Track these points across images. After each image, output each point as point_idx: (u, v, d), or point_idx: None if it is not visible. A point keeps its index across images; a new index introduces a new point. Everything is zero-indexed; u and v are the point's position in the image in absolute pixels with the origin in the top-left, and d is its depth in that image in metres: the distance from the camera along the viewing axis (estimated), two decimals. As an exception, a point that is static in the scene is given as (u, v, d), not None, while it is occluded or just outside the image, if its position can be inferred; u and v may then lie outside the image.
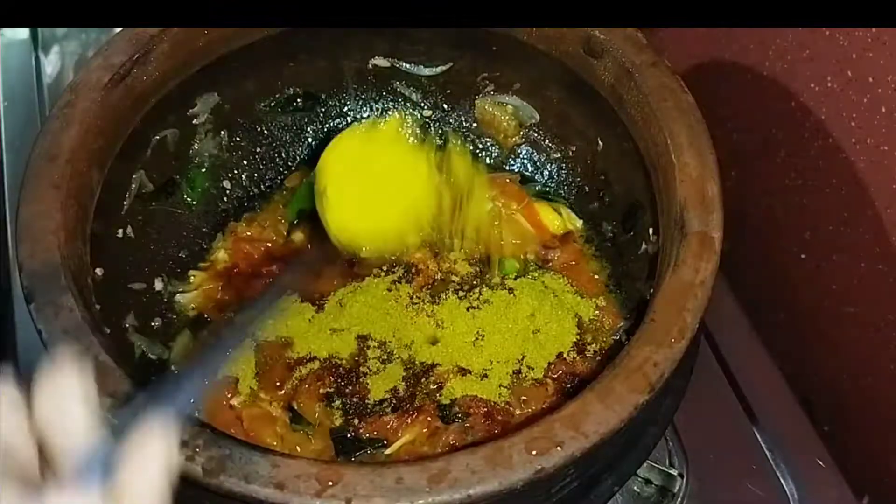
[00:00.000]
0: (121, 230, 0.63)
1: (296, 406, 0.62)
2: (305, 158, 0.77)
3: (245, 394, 0.62)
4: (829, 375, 0.80)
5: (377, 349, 0.64)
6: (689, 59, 0.88)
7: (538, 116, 0.75)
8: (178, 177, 0.70)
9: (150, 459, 0.32)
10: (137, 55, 0.60)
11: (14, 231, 0.51)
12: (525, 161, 0.77)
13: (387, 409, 0.61)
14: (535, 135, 0.76)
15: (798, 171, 0.77)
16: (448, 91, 0.77)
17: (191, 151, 0.70)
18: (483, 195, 0.67)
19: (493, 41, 0.70)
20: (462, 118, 0.78)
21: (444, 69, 0.75)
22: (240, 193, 0.75)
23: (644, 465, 0.60)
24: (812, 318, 0.81)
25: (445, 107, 0.78)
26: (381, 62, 0.75)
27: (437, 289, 0.67)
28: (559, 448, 0.43)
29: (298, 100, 0.75)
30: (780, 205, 0.81)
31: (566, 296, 0.67)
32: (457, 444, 0.60)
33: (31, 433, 0.32)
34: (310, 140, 0.78)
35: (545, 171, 0.76)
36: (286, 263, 0.69)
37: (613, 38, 0.62)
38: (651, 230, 0.63)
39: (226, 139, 0.72)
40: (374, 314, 0.65)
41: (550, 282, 0.68)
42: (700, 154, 0.56)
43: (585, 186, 0.74)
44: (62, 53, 0.95)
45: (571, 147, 0.74)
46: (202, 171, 0.71)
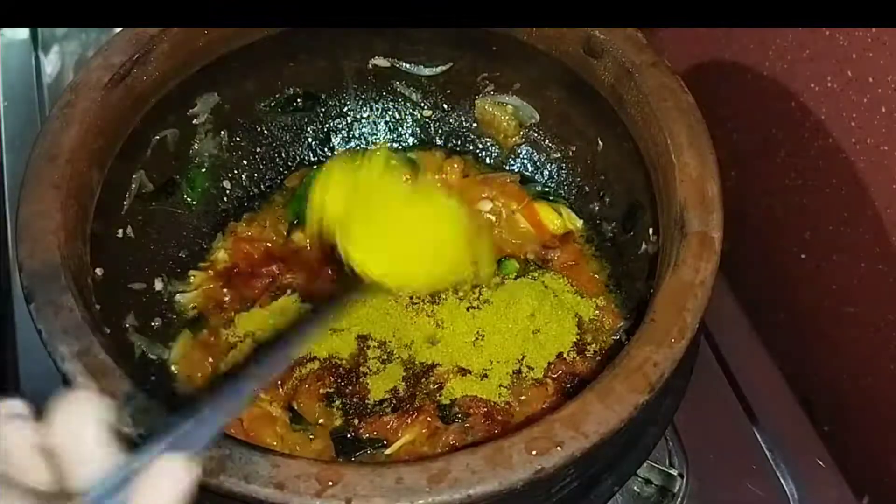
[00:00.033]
0: (121, 230, 0.63)
1: (296, 406, 0.62)
2: (305, 158, 0.78)
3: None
4: (829, 375, 0.80)
5: (377, 349, 0.64)
6: (689, 59, 0.88)
7: (538, 116, 0.75)
8: (178, 177, 0.70)
9: (164, 489, 0.32)
10: (137, 55, 0.60)
11: (14, 231, 0.51)
12: (525, 161, 0.77)
13: (387, 409, 0.61)
14: (535, 135, 0.76)
15: (798, 171, 0.77)
16: (448, 91, 0.77)
17: (191, 151, 0.70)
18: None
19: (493, 41, 0.70)
20: (462, 118, 0.78)
21: (444, 69, 0.75)
22: (240, 193, 0.75)
23: (644, 465, 0.60)
24: (812, 318, 0.81)
25: (445, 107, 0.78)
26: (381, 62, 0.75)
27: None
28: (559, 448, 0.43)
29: (298, 100, 0.75)
30: (780, 205, 0.81)
31: (566, 296, 0.67)
32: (457, 444, 0.60)
33: (41, 452, 0.32)
34: (310, 140, 0.78)
35: (545, 171, 0.76)
36: (314, 299, 0.66)
37: (613, 38, 0.62)
38: (651, 230, 0.63)
39: (226, 139, 0.72)
40: (374, 314, 0.65)
41: (550, 282, 0.68)
42: (700, 154, 0.56)
43: (585, 186, 0.74)
44: (62, 53, 0.95)
45: (571, 147, 0.74)
46: (202, 171, 0.71)
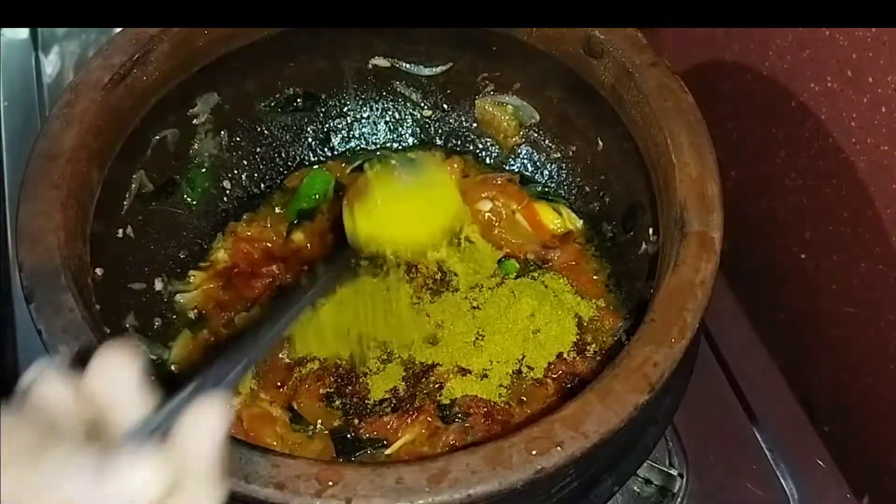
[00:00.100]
0: (121, 230, 0.63)
1: (296, 406, 0.62)
2: (305, 158, 0.78)
3: (245, 394, 0.62)
4: (829, 375, 0.80)
5: (377, 349, 0.64)
6: (689, 59, 0.88)
7: (538, 116, 0.75)
8: (178, 177, 0.70)
9: (206, 425, 0.33)
10: (137, 55, 0.60)
11: (14, 231, 0.51)
12: (525, 161, 0.77)
13: (387, 409, 0.61)
14: (535, 135, 0.76)
15: (798, 171, 0.77)
16: (448, 91, 0.77)
17: (191, 151, 0.70)
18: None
19: (493, 41, 0.70)
20: (462, 118, 0.78)
21: (444, 69, 0.75)
22: (240, 193, 0.75)
23: (644, 465, 0.60)
24: (812, 318, 0.81)
25: (445, 107, 0.78)
26: (381, 62, 0.75)
27: (438, 289, 0.67)
28: (559, 448, 0.43)
29: (298, 100, 0.75)
30: (780, 205, 0.81)
31: (566, 296, 0.67)
32: (457, 444, 0.60)
33: (83, 401, 0.34)
34: (310, 140, 0.78)
35: (545, 171, 0.76)
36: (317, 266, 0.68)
37: (613, 38, 0.62)
38: (651, 230, 0.63)
39: (226, 139, 0.72)
40: (375, 314, 0.65)
41: (550, 282, 0.68)
42: (700, 154, 0.56)
43: (585, 186, 0.74)
44: (62, 53, 0.95)
45: (571, 147, 0.74)
46: (202, 171, 0.71)
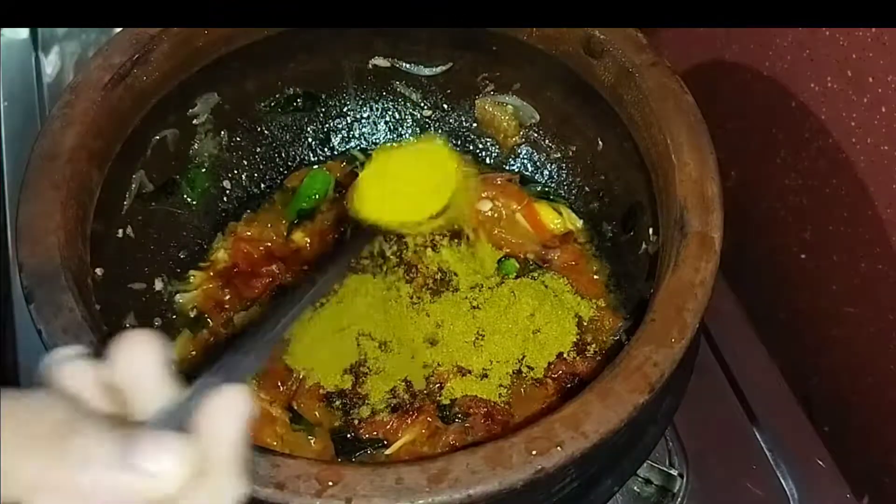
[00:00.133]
0: (121, 230, 0.63)
1: (296, 406, 0.62)
2: (305, 158, 0.78)
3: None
4: (829, 375, 0.80)
5: (377, 349, 0.64)
6: (689, 59, 0.88)
7: (538, 116, 0.75)
8: (178, 177, 0.70)
9: (228, 414, 0.33)
10: (137, 55, 0.59)
11: (14, 231, 0.51)
12: (525, 161, 0.77)
13: (387, 409, 0.61)
14: (535, 135, 0.76)
15: (798, 171, 0.77)
16: (448, 91, 0.77)
17: (191, 151, 0.70)
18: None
19: (493, 41, 0.70)
20: (462, 118, 0.78)
21: (444, 69, 0.75)
22: (240, 193, 0.75)
23: (644, 465, 0.60)
24: (812, 318, 0.81)
25: (445, 107, 0.78)
26: (381, 62, 0.75)
27: (437, 288, 0.67)
28: (559, 448, 0.43)
29: (298, 100, 0.75)
30: (780, 205, 0.81)
31: (566, 296, 0.67)
32: (457, 444, 0.60)
33: (105, 388, 0.34)
34: (310, 140, 0.78)
35: (545, 171, 0.76)
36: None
37: (613, 38, 0.62)
38: (651, 230, 0.63)
39: (226, 139, 0.72)
40: (374, 314, 0.65)
41: (550, 282, 0.68)
42: (700, 154, 0.56)
43: (585, 186, 0.74)
44: (62, 53, 0.95)
45: (571, 147, 0.74)
46: (202, 171, 0.71)
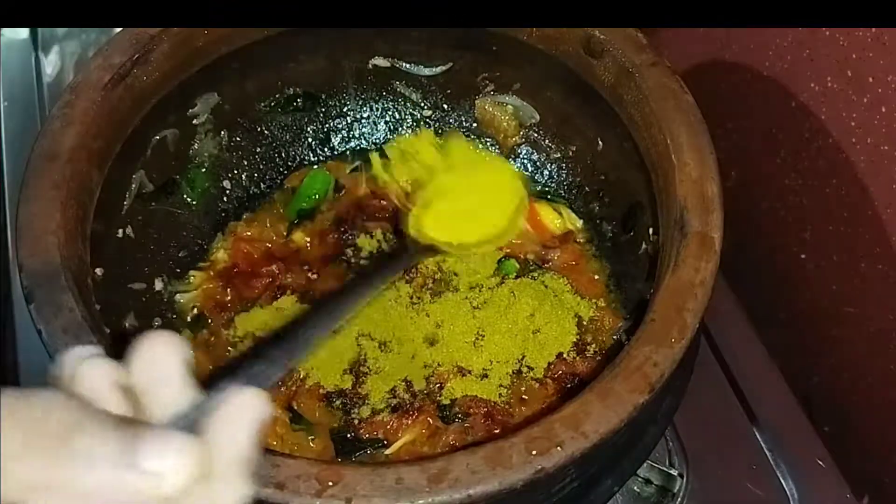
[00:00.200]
0: (121, 230, 0.63)
1: (296, 406, 0.62)
2: (305, 158, 0.78)
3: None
4: (829, 375, 0.80)
5: (377, 349, 0.64)
6: (689, 59, 0.88)
7: (538, 116, 0.75)
8: (178, 177, 0.70)
9: (240, 419, 0.33)
10: (137, 55, 0.59)
11: (14, 231, 0.51)
12: (525, 161, 0.77)
13: (387, 409, 0.61)
14: (535, 135, 0.76)
15: (798, 171, 0.77)
16: (448, 91, 0.77)
17: (191, 151, 0.70)
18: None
19: (493, 41, 0.70)
20: (462, 118, 0.78)
21: (444, 69, 0.75)
22: (240, 193, 0.75)
23: (644, 465, 0.60)
24: (812, 318, 0.81)
25: (445, 107, 0.78)
26: (381, 62, 0.75)
27: (438, 288, 0.67)
28: (559, 448, 0.43)
29: (298, 100, 0.75)
30: (781, 205, 0.81)
31: (566, 296, 0.67)
32: (457, 444, 0.60)
33: (121, 390, 0.33)
34: (310, 140, 0.78)
35: (545, 171, 0.76)
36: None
37: (613, 38, 0.62)
38: (651, 230, 0.63)
39: (226, 139, 0.72)
40: (374, 314, 0.65)
41: (550, 282, 0.68)
42: (700, 154, 0.56)
43: (585, 186, 0.74)
44: (62, 53, 0.95)
45: (571, 147, 0.74)
46: (202, 171, 0.71)
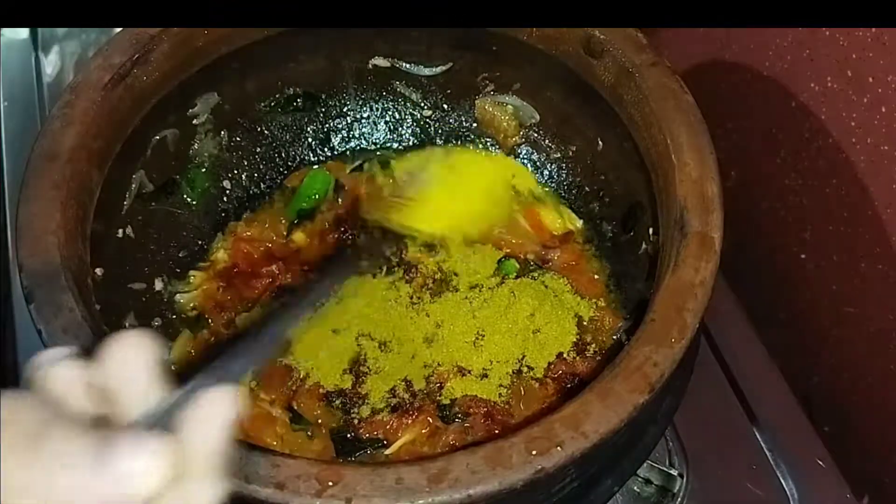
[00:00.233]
0: (121, 230, 0.63)
1: (296, 406, 0.62)
2: (305, 158, 0.78)
3: (245, 394, 0.62)
4: (829, 375, 0.80)
5: (377, 349, 0.64)
6: (689, 59, 0.88)
7: (538, 116, 0.75)
8: (178, 177, 0.70)
9: (213, 413, 0.33)
10: (137, 55, 0.59)
11: (14, 231, 0.51)
12: (525, 161, 0.77)
13: (387, 409, 0.61)
14: (535, 135, 0.76)
15: (798, 171, 0.77)
16: (448, 91, 0.77)
17: (191, 151, 0.70)
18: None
19: (493, 41, 0.70)
20: (462, 118, 0.78)
21: (444, 69, 0.75)
22: (240, 193, 0.75)
23: (644, 465, 0.60)
24: (812, 318, 0.81)
25: (445, 107, 0.78)
26: (381, 62, 0.75)
27: (437, 289, 0.67)
28: (559, 448, 0.43)
29: (298, 100, 0.75)
30: (781, 205, 0.81)
31: (566, 296, 0.67)
32: (457, 444, 0.60)
33: (93, 389, 0.33)
34: (310, 140, 0.78)
35: (545, 171, 0.76)
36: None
37: (613, 38, 0.62)
38: (651, 230, 0.63)
39: (226, 139, 0.72)
40: (374, 314, 0.65)
41: (550, 282, 0.68)
42: (700, 154, 0.56)
43: (585, 186, 0.74)
44: (62, 53, 0.95)
45: (571, 147, 0.74)
46: (202, 171, 0.71)
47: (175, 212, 0.69)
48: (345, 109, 0.78)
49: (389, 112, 0.78)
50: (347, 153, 0.78)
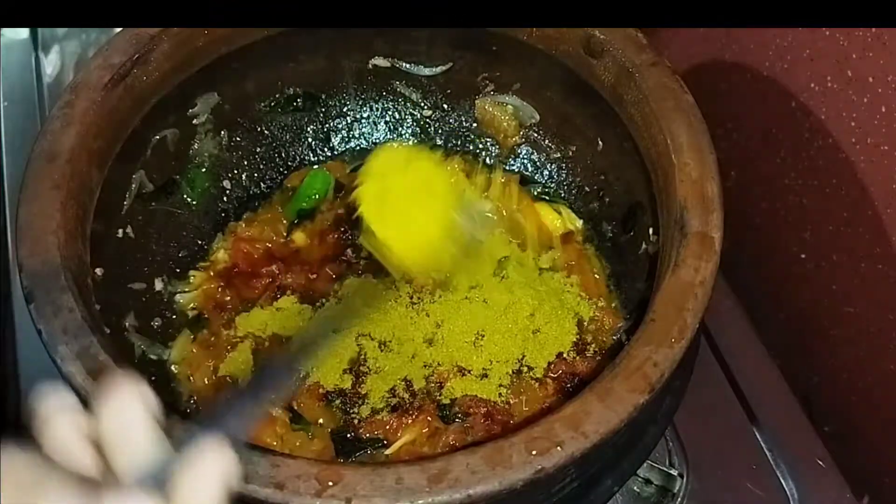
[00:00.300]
0: (121, 230, 0.63)
1: (296, 406, 0.62)
2: (305, 158, 0.78)
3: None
4: (829, 376, 0.80)
5: (377, 349, 0.64)
6: (689, 59, 0.88)
7: (538, 116, 0.75)
8: (178, 177, 0.70)
9: (208, 475, 0.33)
10: (137, 55, 0.60)
11: (14, 231, 0.51)
12: (525, 161, 0.77)
13: (387, 409, 0.61)
14: (535, 135, 0.76)
15: (798, 171, 0.77)
16: (448, 91, 0.77)
17: (191, 151, 0.70)
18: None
19: (493, 41, 0.70)
20: (462, 118, 0.78)
21: (444, 69, 0.75)
22: (240, 193, 0.75)
23: (644, 465, 0.60)
24: (812, 318, 0.81)
25: (445, 107, 0.78)
26: (381, 62, 0.75)
27: (437, 289, 0.67)
28: (559, 448, 0.43)
29: (298, 100, 0.75)
30: (781, 205, 0.81)
31: (566, 296, 0.67)
32: (457, 444, 0.60)
33: (90, 441, 0.33)
34: (310, 140, 0.78)
35: (545, 171, 0.76)
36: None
37: (613, 38, 0.62)
38: (651, 230, 0.63)
39: (226, 139, 0.72)
40: (374, 314, 0.65)
41: (550, 282, 0.68)
42: (700, 154, 0.56)
43: (585, 186, 0.74)
44: (62, 53, 0.95)
45: (571, 147, 0.74)
46: (202, 171, 0.71)
47: (175, 212, 0.69)
48: (345, 109, 0.78)
49: (389, 112, 0.78)
50: (347, 153, 0.79)
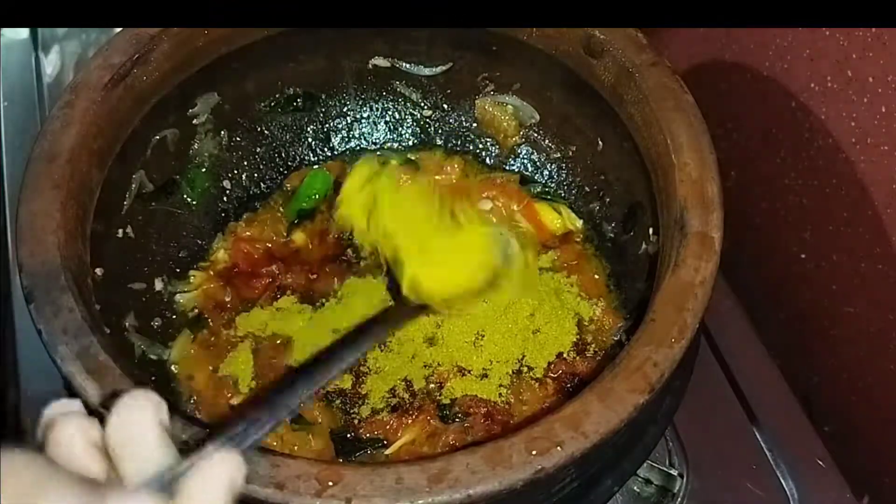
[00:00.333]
0: (121, 230, 0.63)
1: (296, 406, 0.62)
2: (305, 158, 0.78)
3: (245, 394, 0.62)
4: (829, 375, 0.80)
5: (377, 349, 0.64)
6: (689, 59, 0.88)
7: (538, 116, 0.75)
8: (178, 177, 0.70)
9: (215, 480, 0.33)
10: (137, 55, 0.60)
11: (14, 231, 0.51)
12: (525, 161, 0.77)
13: (387, 409, 0.61)
14: (535, 135, 0.76)
15: (798, 171, 0.77)
16: (448, 91, 0.77)
17: (191, 151, 0.70)
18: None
19: (493, 41, 0.70)
20: (462, 118, 0.78)
21: (444, 69, 0.75)
22: (240, 193, 0.75)
23: (644, 465, 0.60)
24: (812, 318, 0.81)
25: (445, 107, 0.78)
26: (381, 62, 0.75)
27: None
28: (559, 448, 0.43)
29: (298, 100, 0.75)
30: (781, 205, 0.81)
31: (566, 296, 0.67)
32: (457, 444, 0.60)
33: (98, 449, 0.34)
34: (310, 140, 0.78)
35: (545, 171, 0.76)
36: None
37: (613, 38, 0.62)
38: (651, 230, 0.63)
39: (226, 139, 0.72)
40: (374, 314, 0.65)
41: (550, 282, 0.68)
42: (700, 154, 0.56)
43: (585, 186, 0.74)
44: (62, 53, 0.95)
45: (571, 147, 0.74)
46: (202, 171, 0.71)
47: (175, 212, 0.69)
48: (345, 109, 0.78)
49: (389, 112, 0.78)
50: (347, 153, 0.79)
